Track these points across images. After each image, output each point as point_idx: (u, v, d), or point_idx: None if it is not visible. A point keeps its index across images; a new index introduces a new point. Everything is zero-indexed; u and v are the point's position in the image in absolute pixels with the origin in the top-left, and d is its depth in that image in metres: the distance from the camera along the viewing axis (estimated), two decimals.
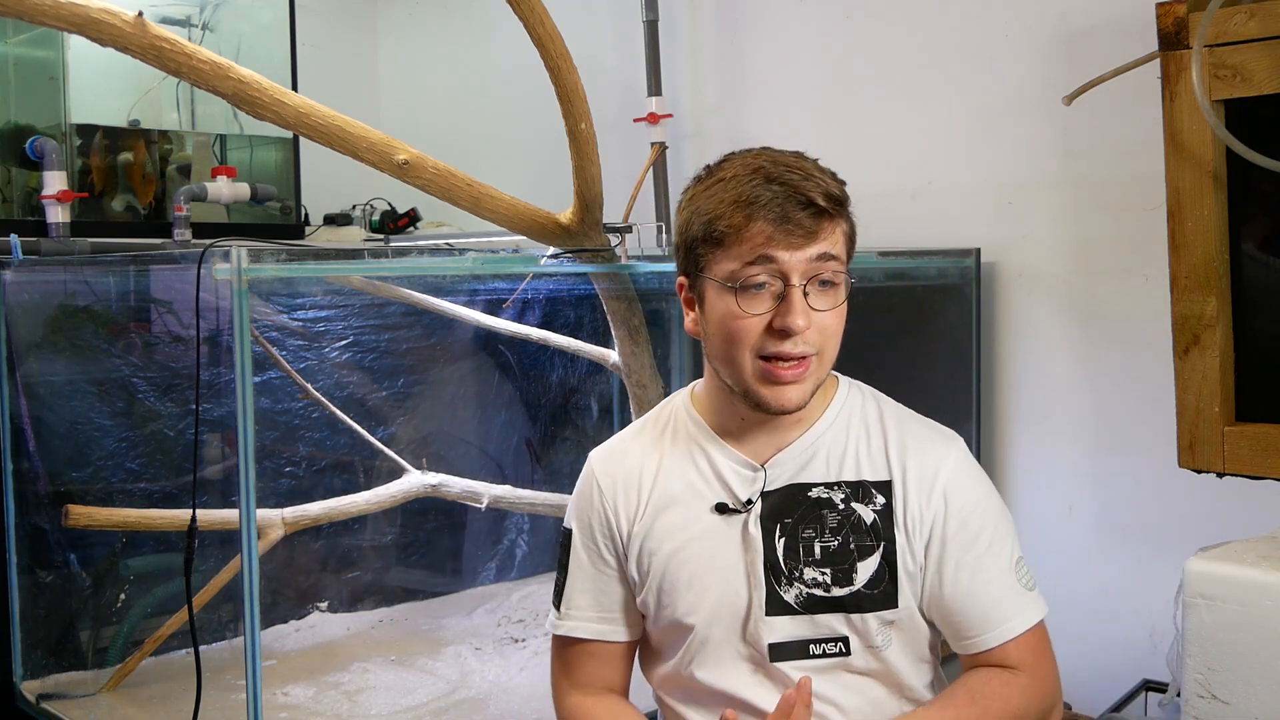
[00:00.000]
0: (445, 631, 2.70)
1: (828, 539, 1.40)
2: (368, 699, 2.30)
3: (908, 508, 1.41)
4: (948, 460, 1.43)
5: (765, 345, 1.34)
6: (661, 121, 2.97)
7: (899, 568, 1.39)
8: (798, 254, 1.33)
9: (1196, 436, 1.87)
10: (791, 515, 1.41)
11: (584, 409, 3.14)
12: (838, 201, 1.36)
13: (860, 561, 1.39)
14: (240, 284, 1.68)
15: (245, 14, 3.24)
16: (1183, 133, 1.83)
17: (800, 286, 1.33)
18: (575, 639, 1.49)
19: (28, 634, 2.42)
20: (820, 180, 1.35)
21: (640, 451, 1.50)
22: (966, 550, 1.40)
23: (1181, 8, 1.82)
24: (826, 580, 1.39)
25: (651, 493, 1.46)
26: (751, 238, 1.33)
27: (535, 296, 2.73)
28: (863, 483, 1.42)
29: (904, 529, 1.40)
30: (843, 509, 1.41)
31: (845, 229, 1.39)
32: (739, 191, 1.35)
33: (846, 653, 1.39)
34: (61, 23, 1.48)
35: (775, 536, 1.40)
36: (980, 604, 1.39)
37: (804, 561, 1.39)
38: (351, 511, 2.43)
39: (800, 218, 1.32)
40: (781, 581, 1.39)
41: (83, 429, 2.52)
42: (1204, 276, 1.84)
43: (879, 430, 1.46)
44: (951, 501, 1.41)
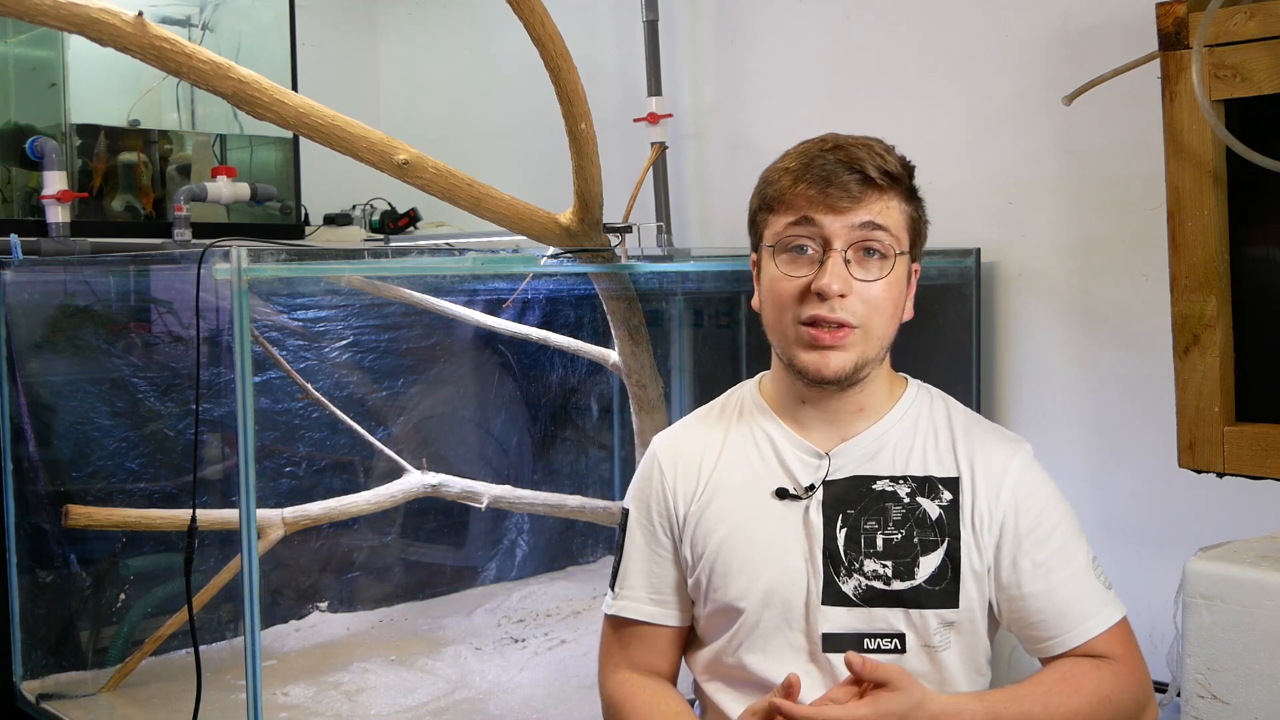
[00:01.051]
0: (445, 631, 2.70)
1: (891, 531, 1.38)
2: (368, 699, 2.30)
3: (976, 505, 1.38)
4: (1015, 460, 1.42)
5: (804, 309, 1.34)
6: (661, 121, 2.97)
7: (963, 565, 1.37)
8: (840, 219, 1.33)
9: (1196, 436, 1.87)
10: (854, 506, 1.39)
11: (584, 409, 3.14)
12: (892, 177, 1.36)
13: (923, 556, 1.37)
14: (240, 284, 1.68)
15: (245, 14, 3.24)
16: (1183, 133, 1.83)
17: (841, 252, 1.33)
18: (627, 620, 1.48)
19: (28, 634, 2.42)
20: (880, 155, 1.36)
21: (704, 434, 1.49)
22: (1041, 548, 1.38)
23: (1181, 8, 1.82)
24: (887, 573, 1.36)
25: (713, 474, 1.45)
26: (796, 199, 1.35)
27: (535, 296, 2.73)
28: (929, 478, 1.40)
29: (971, 526, 1.38)
30: (908, 502, 1.39)
31: (902, 207, 1.38)
32: (794, 161, 1.38)
33: (902, 649, 1.35)
34: (61, 23, 1.48)
35: (837, 526, 1.38)
36: (1061, 602, 1.37)
37: (865, 553, 1.37)
38: (351, 511, 2.43)
39: (846, 181, 1.33)
40: (840, 571, 1.36)
41: (83, 429, 2.52)
42: (1204, 276, 1.83)
43: (947, 429, 1.44)
44: (1022, 501, 1.39)
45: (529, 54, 1.77)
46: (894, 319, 1.40)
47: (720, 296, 3.01)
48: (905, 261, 1.39)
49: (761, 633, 1.38)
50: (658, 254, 2.87)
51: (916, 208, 1.41)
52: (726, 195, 3.03)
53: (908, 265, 1.41)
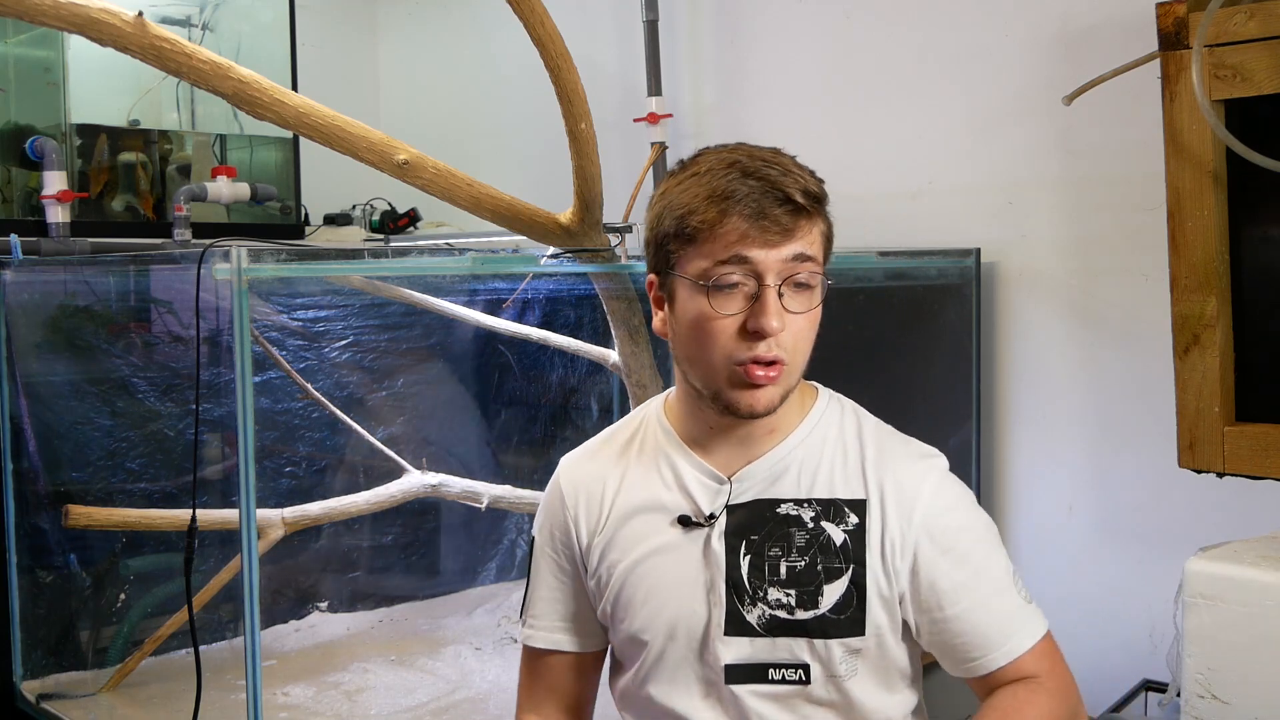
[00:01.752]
0: (445, 631, 2.70)
1: (794, 558, 1.33)
2: (368, 699, 2.30)
3: (885, 529, 1.33)
4: (929, 478, 1.36)
5: (738, 348, 1.28)
6: (661, 121, 2.97)
7: (869, 592, 1.31)
8: (773, 253, 1.26)
9: (1196, 436, 1.87)
10: (758, 532, 1.34)
11: (584, 409, 3.14)
12: (815, 199, 1.29)
13: (827, 584, 1.32)
14: (240, 284, 1.68)
15: (245, 14, 3.24)
16: (1183, 133, 1.83)
17: (775, 287, 1.27)
18: (536, 649, 1.47)
19: (28, 634, 2.42)
20: (798, 176, 1.29)
21: (606, 460, 1.45)
22: (959, 568, 1.32)
23: (1181, 8, 1.82)
24: (791, 602, 1.32)
25: (614, 503, 1.41)
26: (725, 235, 1.27)
27: (535, 296, 2.73)
28: (835, 501, 1.34)
29: (879, 551, 1.32)
30: (812, 528, 1.33)
31: (823, 229, 1.32)
32: (713, 186, 1.28)
33: (806, 681, 1.31)
34: (61, 23, 1.48)
35: (740, 554, 1.33)
36: (984, 622, 1.32)
37: (769, 581, 1.32)
38: (351, 511, 2.43)
39: (777, 214, 1.26)
40: (744, 600, 1.32)
41: (83, 429, 2.52)
42: (1204, 276, 1.83)
43: (857, 446, 1.38)
44: (935, 521, 1.33)
45: (529, 54, 1.77)
46: (812, 343, 1.34)
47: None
48: (824, 284, 1.33)
49: (666, 664, 1.35)
50: None
51: (828, 222, 1.34)
52: None
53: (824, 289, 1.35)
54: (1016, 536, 2.46)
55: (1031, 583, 2.52)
